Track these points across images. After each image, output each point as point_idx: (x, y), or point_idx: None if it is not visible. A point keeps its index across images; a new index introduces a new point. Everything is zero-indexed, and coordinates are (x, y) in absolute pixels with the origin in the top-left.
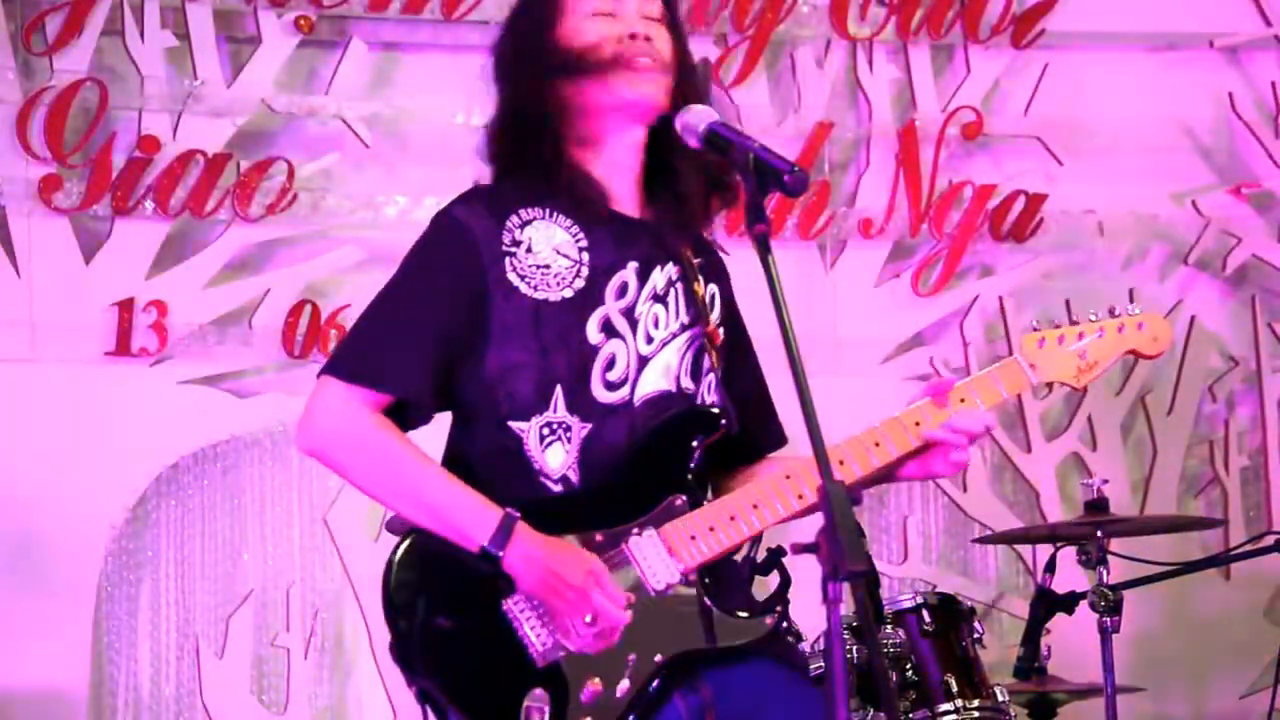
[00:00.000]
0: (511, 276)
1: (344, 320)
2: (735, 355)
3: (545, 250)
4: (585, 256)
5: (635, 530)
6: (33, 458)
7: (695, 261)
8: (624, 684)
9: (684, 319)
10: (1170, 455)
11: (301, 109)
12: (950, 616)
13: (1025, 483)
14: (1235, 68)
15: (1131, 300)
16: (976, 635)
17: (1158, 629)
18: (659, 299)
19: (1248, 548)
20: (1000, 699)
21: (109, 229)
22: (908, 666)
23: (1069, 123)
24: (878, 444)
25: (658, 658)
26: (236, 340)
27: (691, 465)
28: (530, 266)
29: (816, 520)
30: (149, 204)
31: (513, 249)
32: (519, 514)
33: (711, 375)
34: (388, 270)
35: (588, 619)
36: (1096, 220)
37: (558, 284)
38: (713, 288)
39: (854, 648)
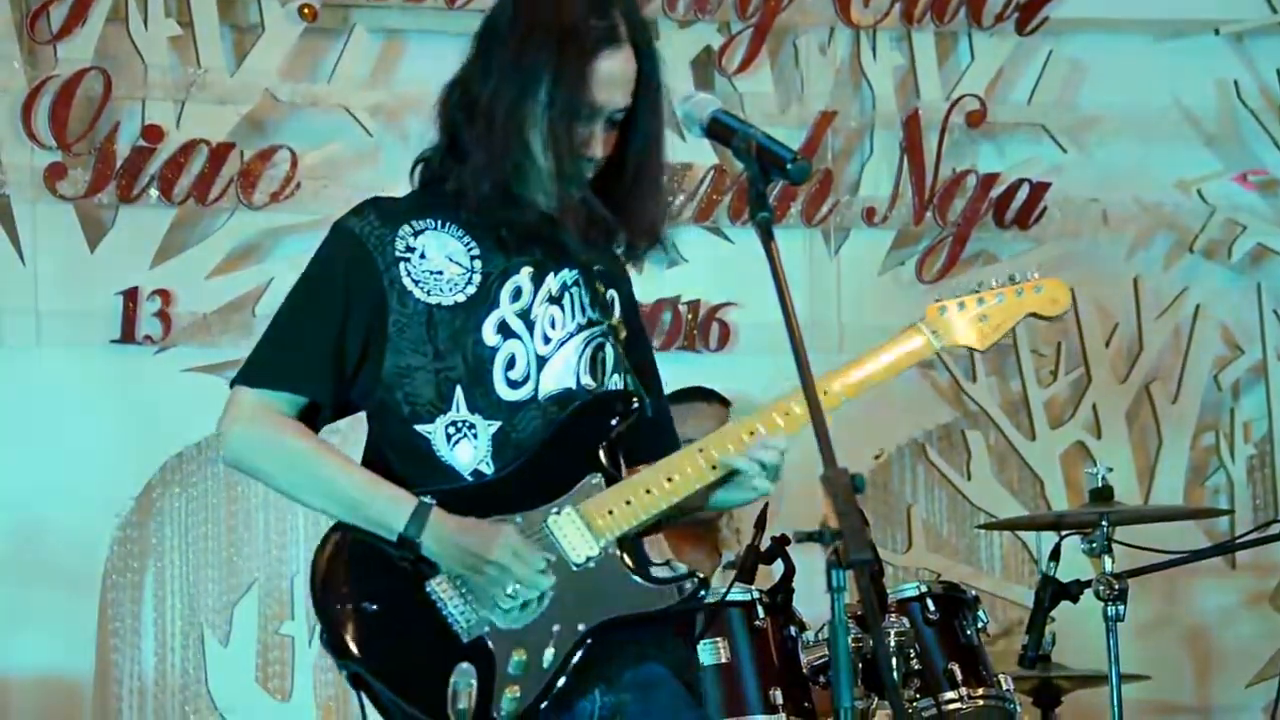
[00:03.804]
0: (406, 281)
1: None
2: (636, 364)
3: (438, 257)
4: (477, 264)
5: (554, 510)
6: (38, 445)
7: (595, 268)
8: (549, 652)
9: (580, 319)
10: (1176, 444)
11: (305, 98)
12: (954, 605)
13: (1030, 471)
14: (1241, 55)
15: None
16: (981, 624)
17: (1163, 618)
18: (554, 301)
19: (1253, 536)
20: (1005, 687)
21: (113, 217)
22: (912, 655)
23: (1073, 110)
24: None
25: (581, 626)
26: (240, 328)
27: (605, 446)
28: (424, 272)
29: (820, 509)
30: (153, 192)
31: (406, 255)
32: (434, 500)
33: (616, 371)
34: None
35: (510, 589)
36: (1101, 208)
37: (450, 289)
38: (612, 292)
39: (858, 636)
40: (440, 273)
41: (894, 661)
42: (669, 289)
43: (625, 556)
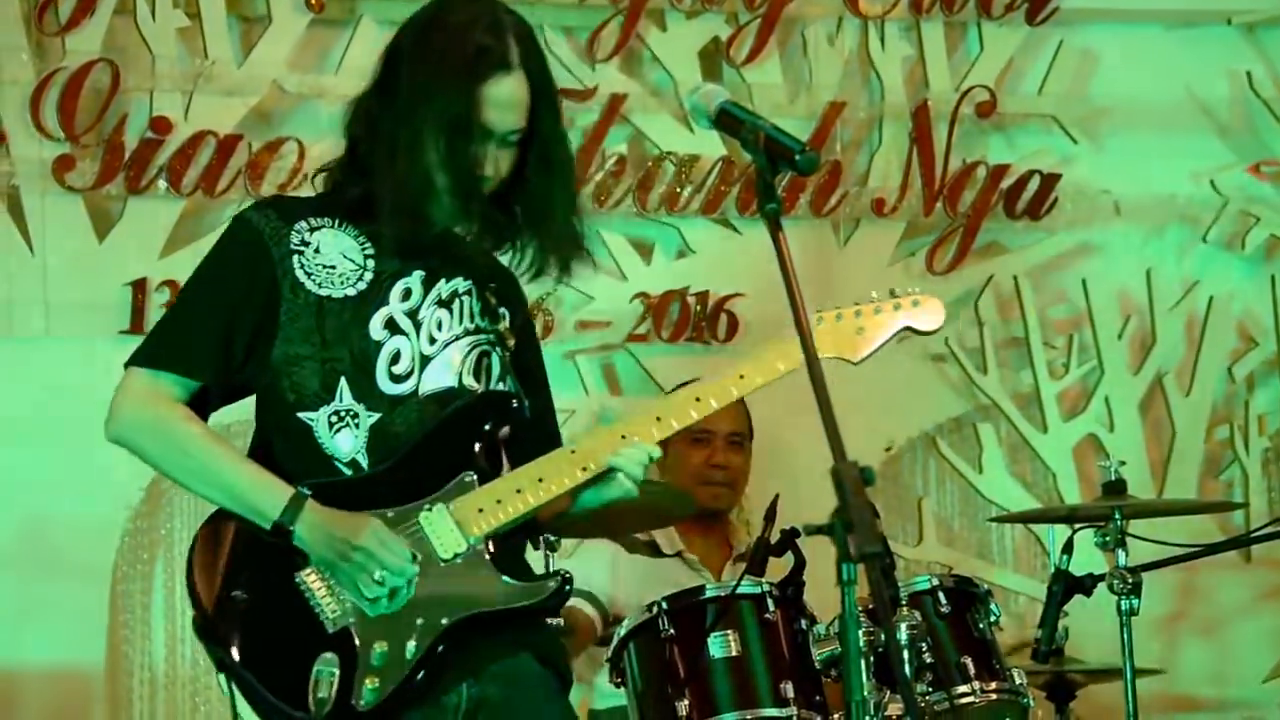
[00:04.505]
0: (299, 273)
1: None
2: (522, 371)
3: (332, 253)
4: (370, 263)
5: (426, 506)
6: (48, 436)
7: (490, 284)
8: (411, 644)
9: (468, 325)
10: (1189, 437)
11: (312, 89)
12: (966, 598)
13: (1042, 464)
14: (1253, 45)
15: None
16: (993, 618)
17: (1177, 612)
18: (443, 305)
19: (1269, 530)
20: (1018, 681)
21: (122, 208)
22: (924, 649)
23: (1084, 101)
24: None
25: (444, 620)
26: None
27: (482, 447)
28: (317, 265)
29: (831, 502)
30: (162, 183)
31: (301, 248)
32: (309, 491)
33: (502, 378)
34: None
35: (377, 576)
36: (1113, 200)
37: (342, 283)
38: (505, 309)
39: (869, 630)
40: (333, 267)
41: (906, 655)
42: (677, 281)
43: (493, 554)
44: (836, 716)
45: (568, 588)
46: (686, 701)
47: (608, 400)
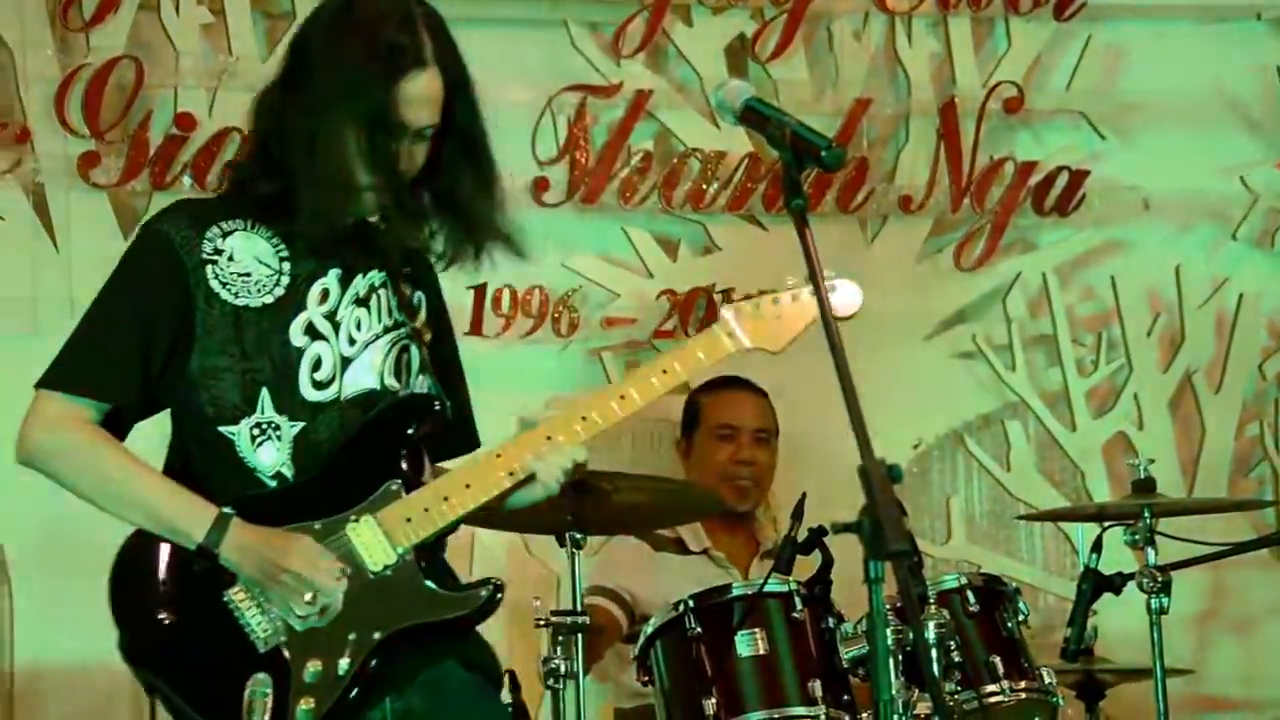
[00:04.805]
0: (213, 283)
1: None
2: (440, 365)
3: (246, 259)
4: (286, 266)
5: (352, 517)
6: None
7: (404, 270)
8: (344, 661)
9: (386, 321)
10: (1219, 434)
11: None
12: (995, 597)
13: (1070, 462)
14: None
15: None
16: (1022, 616)
17: (1208, 611)
18: (361, 303)
19: None
20: (1047, 680)
21: (146, 205)
22: (952, 647)
23: (1113, 97)
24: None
25: (376, 635)
26: None
27: (405, 451)
28: (231, 274)
29: (858, 500)
30: (186, 180)
31: (214, 257)
32: (233, 510)
33: (422, 373)
34: None
35: (307, 597)
36: (1142, 196)
37: (258, 290)
38: (420, 295)
39: (898, 628)
40: (248, 274)
41: (934, 654)
42: (703, 277)
43: (422, 564)
44: (865, 715)
45: (499, 595)
46: (714, 700)
47: None
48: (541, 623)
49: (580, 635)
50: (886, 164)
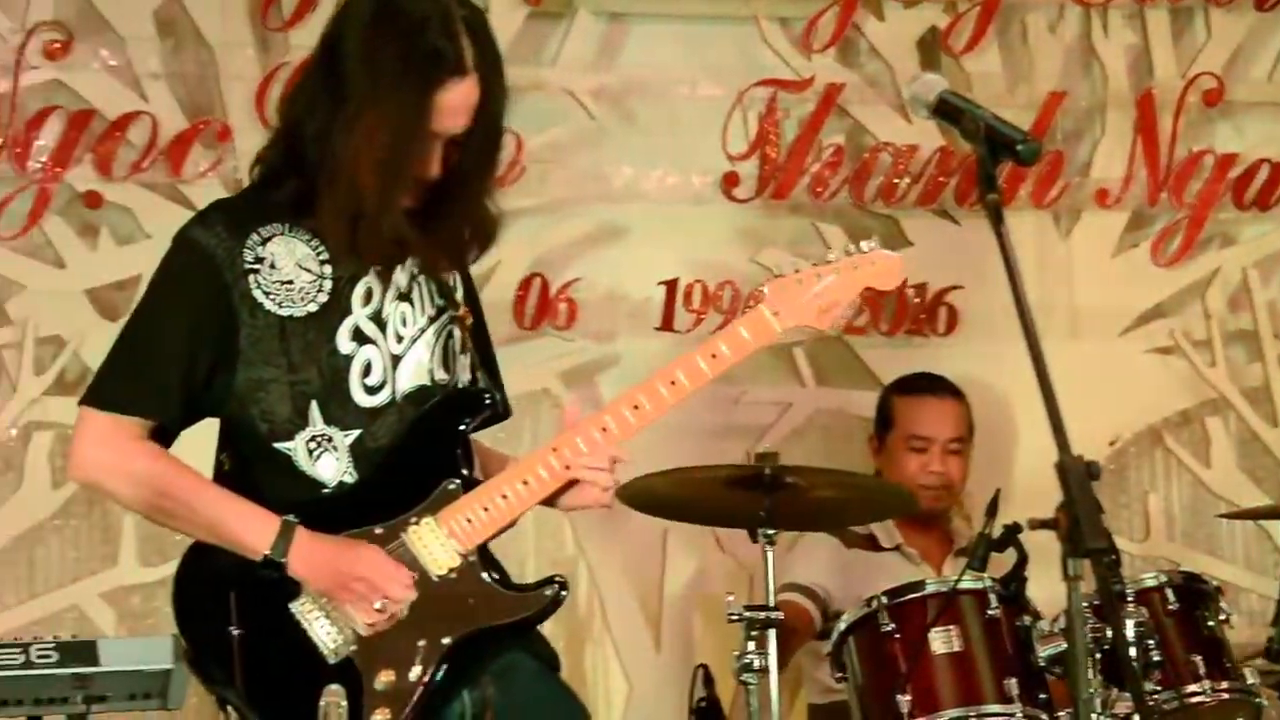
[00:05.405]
0: (257, 293)
1: (573, 294)
2: (479, 344)
3: (288, 265)
4: (327, 269)
5: (413, 519)
6: None
7: (434, 251)
8: (415, 670)
9: (430, 311)
10: None
11: (529, 81)
12: (1195, 595)
13: (1273, 459)
14: None
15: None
16: (1223, 615)
17: None
18: (404, 297)
19: None
20: (1250, 681)
21: None
22: (1151, 646)
23: None
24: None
25: (445, 640)
26: None
27: (459, 449)
28: (274, 283)
29: (1053, 496)
30: None
31: (256, 266)
32: (297, 520)
33: (465, 357)
34: (616, 243)
35: (378, 606)
36: None
37: (302, 299)
38: (455, 276)
39: (1095, 627)
40: (291, 282)
41: (1133, 652)
42: None
43: (484, 564)
44: (1062, 715)
45: (563, 595)
46: (908, 697)
47: (824, 394)
48: (735, 618)
49: (774, 631)
50: (1082, 157)
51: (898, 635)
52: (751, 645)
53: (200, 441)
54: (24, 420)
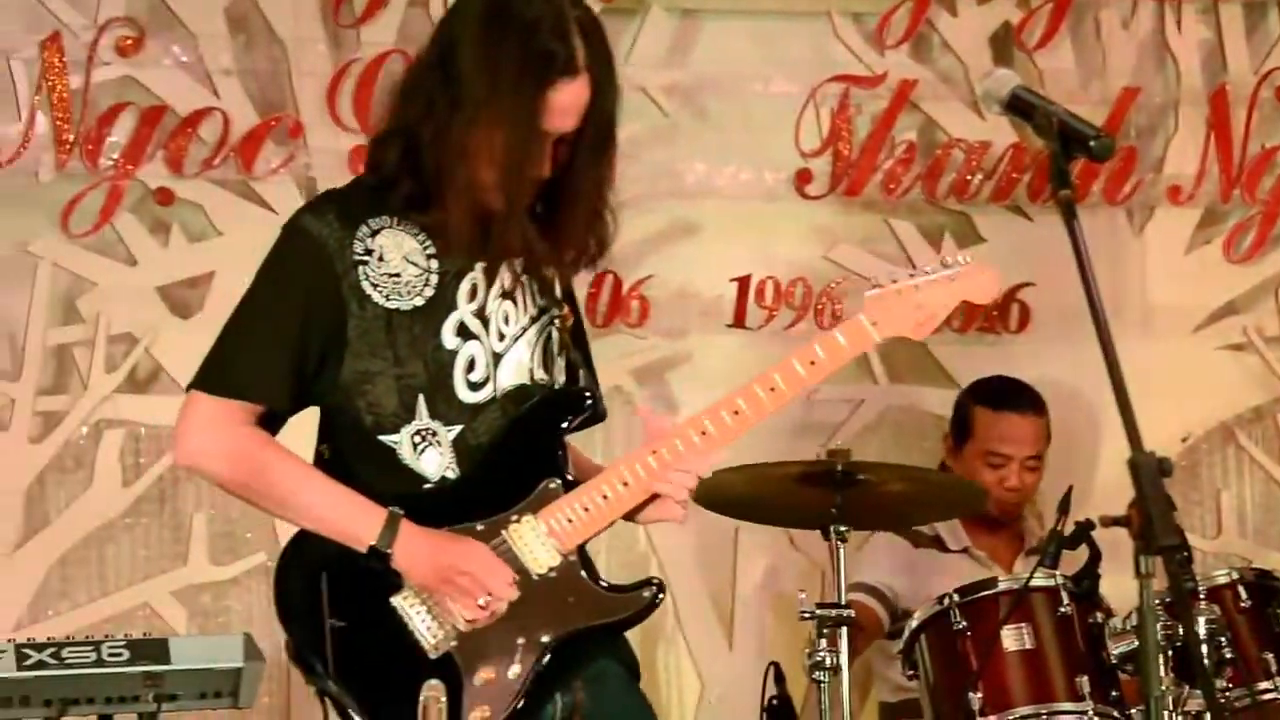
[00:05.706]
0: (365, 285)
1: (645, 291)
2: (579, 345)
3: (396, 258)
4: (434, 264)
5: (514, 517)
6: None
7: (537, 249)
8: (515, 668)
9: (532, 311)
10: None
11: None
12: (1268, 593)
13: None
14: None
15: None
16: None
17: None
18: (507, 295)
19: None
20: None
21: None
22: (1223, 644)
23: None
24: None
25: (545, 639)
26: None
27: (561, 451)
28: (382, 275)
29: (1124, 493)
30: None
31: (365, 258)
32: (403, 511)
33: (561, 359)
34: (689, 240)
35: (482, 601)
36: None
37: (409, 292)
38: (552, 270)
39: (1167, 624)
40: (398, 275)
41: (1205, 650)
42: None
43: (584, 564)
44: (1134, 712)
45: (660, 596)
46: (979, 695)
47: (896, 391)
48: (807, 615)
49: (845, 629)
50: (1155, 153)
51: (969, 633)
52: (823, 643)
53: (293, 432)
54: (95, 418)
